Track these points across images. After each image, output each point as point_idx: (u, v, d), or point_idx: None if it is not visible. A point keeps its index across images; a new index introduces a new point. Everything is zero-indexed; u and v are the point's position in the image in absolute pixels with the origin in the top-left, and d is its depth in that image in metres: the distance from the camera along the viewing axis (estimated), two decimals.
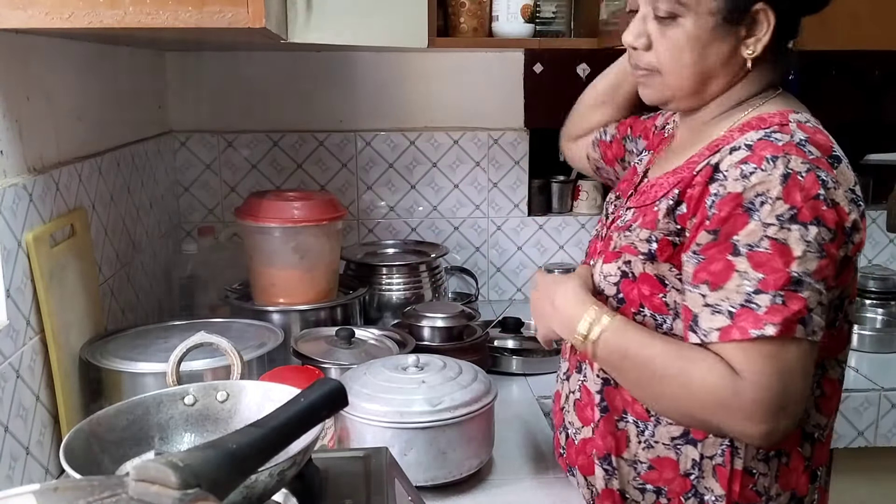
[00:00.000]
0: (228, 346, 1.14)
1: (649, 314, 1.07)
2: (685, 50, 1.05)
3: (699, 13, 1.03)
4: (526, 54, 2.17)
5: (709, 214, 1.00)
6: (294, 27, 1.23)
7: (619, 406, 1.12)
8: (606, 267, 1.11)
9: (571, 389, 1.20)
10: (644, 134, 1.36)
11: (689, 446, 1.08)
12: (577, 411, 1.18)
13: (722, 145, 1.05)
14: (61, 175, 1.31)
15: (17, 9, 0.97)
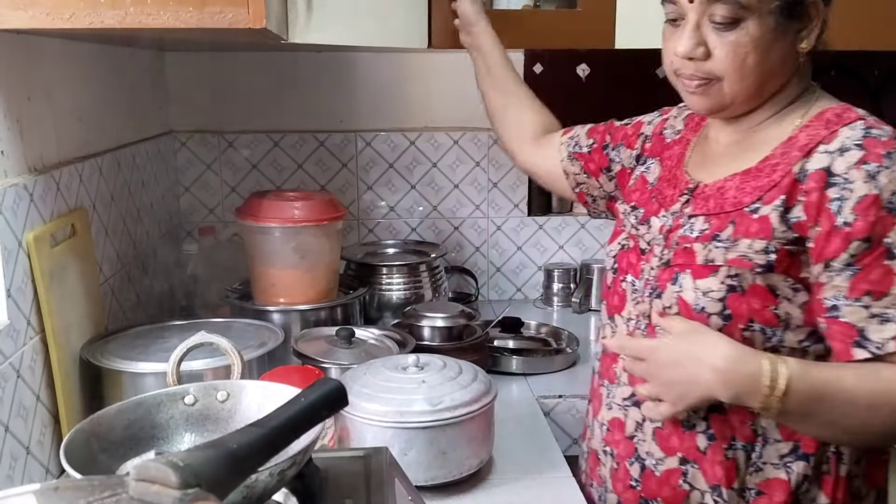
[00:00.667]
0: (228, 346, 1.14)
1: (759, 328, 1.03)
2: (750, 54, 1.02)
3: (761, 13, 1.01)
4: (526, 54, 2.17)
5: (841, 221, 0.97)
6: (294, 27, 1.23)
7: (728, 433, 1.07)
8: (703, 282, 1.04)
9: (647, 417, 1.12)
10: (626, 142, 1.34)
11: (800, 462, 1.06)
12: (658, 441, 1.12)
13: (810, 146, 1.02)
14: (62, 175, 1.32)
15: (18, 9, 0.98)
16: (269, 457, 0.72)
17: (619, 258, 1.20)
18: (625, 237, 1.21)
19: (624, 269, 1.18)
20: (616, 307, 1.19)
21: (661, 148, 1.26)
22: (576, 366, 1.82)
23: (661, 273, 1.10)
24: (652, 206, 1.19)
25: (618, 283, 1.20)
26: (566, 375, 1.78)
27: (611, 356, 1.19)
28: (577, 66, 2.19)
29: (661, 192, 1.19)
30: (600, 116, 2.24)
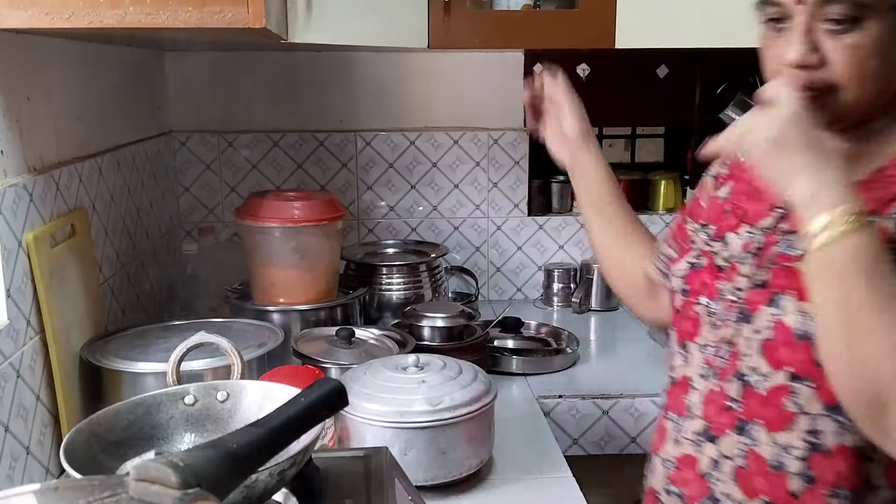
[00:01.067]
0: (228, 346, 1.14)
1: None
2: (872, 57, 0.90)
3: (879, 11, 0.89)
4: (526, 54, 2.17)
5: None
6: (294, 27, 1.23)
7: (831, 478, 0.93)
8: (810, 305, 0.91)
9: (725, 454, 1.00)
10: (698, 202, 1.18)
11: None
12: (739, 481, 0.99)
13: None
14: (61, 175, 1.31)
15: (18, 9, 0.98)
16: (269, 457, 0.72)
17: (690, 279, 1.08)
18: (695, 255, 1.09)
19: (696, 291, 1.06)
20: (688, 333, 1.07)
21: (736, 167, 1.12)
22: (576, 366, 1.82)
23: (752, 294, 0.98)
24: (727, 222, 1.06)
25: (689, 306, 1.07)
26: (566, 375, 1.78)
27: (680, 385, 1.08)
28: (577, 66, 2.19)
29: (738, 205, 1.07)
30: (600, 116, 2.25)
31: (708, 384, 1.02)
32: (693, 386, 1.05)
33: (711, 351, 1.03)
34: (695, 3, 1.73)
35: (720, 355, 1.01)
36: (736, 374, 0.98)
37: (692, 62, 2.15)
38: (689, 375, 1.06)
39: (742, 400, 0.98)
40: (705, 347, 1.04)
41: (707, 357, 1.03)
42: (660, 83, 2.21)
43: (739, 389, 0.98)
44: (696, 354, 1.05)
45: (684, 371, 1.07)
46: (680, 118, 2.21)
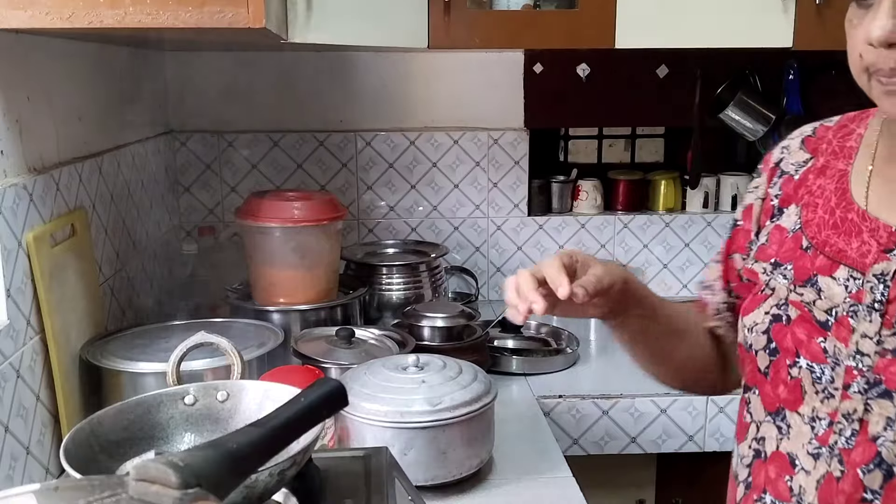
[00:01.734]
0: (228, 346, 1.14)
1: None
2: None
3: None
4: (526, 54, 2.17)
5: None
6: (294, 27, 1.23)
7: None
8: None
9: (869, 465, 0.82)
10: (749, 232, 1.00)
11: None
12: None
13: None
14: (61, 175, 1.31)
15: (18, 9, 0.98)
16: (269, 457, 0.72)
17: (776, 334, 0.89)
18: (776, 304, 0.90)
19: (790, 350, 0.88)
20: (787, 401, 0.89)
21: (792, 188, 0.95)
22: (576, 366, 1.82)
23: (886, 364, 0.80)
24: (813, 261, 0.88)
25: (782, 368, 0.89)
26: (566, 375, 1.78)
27: (775, 462, 0.90)
28: (577, 66, 2.19)
29: (827, 241, 0.88)
30: (600, 116, 2.26)
31: (822, 467, 0.85)
32: (800, 466, 0.87)
33: (824, 425, 0.85)
34: (695, 3, 1.74)
35: (839, 432, 0.83)
36: (876, 461, 0.80)
37: (692, 62, 2.15)
38: (791, 452, 0.88)
39: (884, 492, 0.80)
40: (816, 420, 0.86)
41: (820, 433, 0.85)
42: (660, 83, 2.21)
43: (881, 480, 0.80)
44: (803, 428, 0.87)
45: (781, 445, 0.89)
46: (680, 118, 2.21)
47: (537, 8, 1.87)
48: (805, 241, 0.90)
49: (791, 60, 2.16)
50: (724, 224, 2.28)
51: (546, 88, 2.19)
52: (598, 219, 2.27)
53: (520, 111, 2.20)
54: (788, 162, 0.97)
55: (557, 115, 2.23)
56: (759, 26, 1.75)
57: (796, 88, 2.18)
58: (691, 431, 1.68)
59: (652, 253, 2.29)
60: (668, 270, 2.30)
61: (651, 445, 1.68)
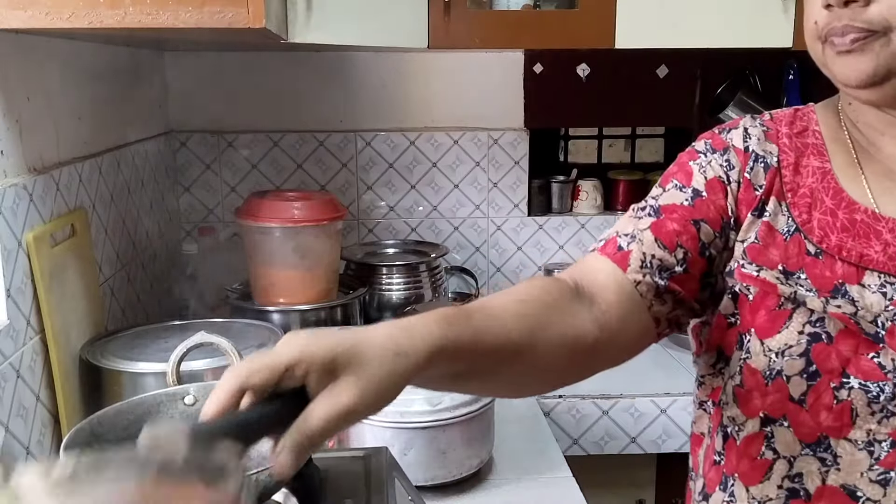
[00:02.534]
0: (228, 346, 1.14)
1: None
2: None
3: None
4: (526, 54, 2.17)
5: None
6: (294, 27, 1.23)
7: None
8: None
9: None
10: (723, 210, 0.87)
11: None
12: None
13: None
14: (61, 175, 1.31)
15: (18, 9, 0.98)
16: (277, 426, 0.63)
17: (818, 355, 0.80)
18: (809, 321, 0.81)
19: (834, 370, 0.80)
20: (832, 429, 0.81)
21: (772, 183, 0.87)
22: None
23: None
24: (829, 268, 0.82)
25: (825, 392, 0.80)
26: None
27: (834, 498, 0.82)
28: (577, 66, 2.19)
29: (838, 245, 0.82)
30: (600, 116, 2.26)
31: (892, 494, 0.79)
32: (864, 496, 0.81)
33: (886, 448, 0.79)
34: (695, 3, 1.74)
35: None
36: None
37: (692, 62, 2.15)
38: (848, 484, 0.81)
39: None
40: (874, 444, 0.79)
41: (882, 457, 0.79)
42: (660, 83, 2.21)
43: None
44: (856, 455, 0.80)
45: (829, 479, 0.82)
46: (680, 118, 2.21)
47: (537, 8, 1.87)
48: (811, 247, 0.83)
49: (791, 60, 2.16)
50: None
51: (546, 88, 2.19)
52: (598, 219, 2.27)
53: (520, 111, 2.20)
54: (761, 149, 0.88)
55: (557, 115, 2.23)
56: (759, 26, 1.75)
57: (796, 88, 2.18)
58: None
59: None
60: None
61: (651, 445, 1.68)
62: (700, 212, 0.87)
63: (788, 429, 0.83)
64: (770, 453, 0.84)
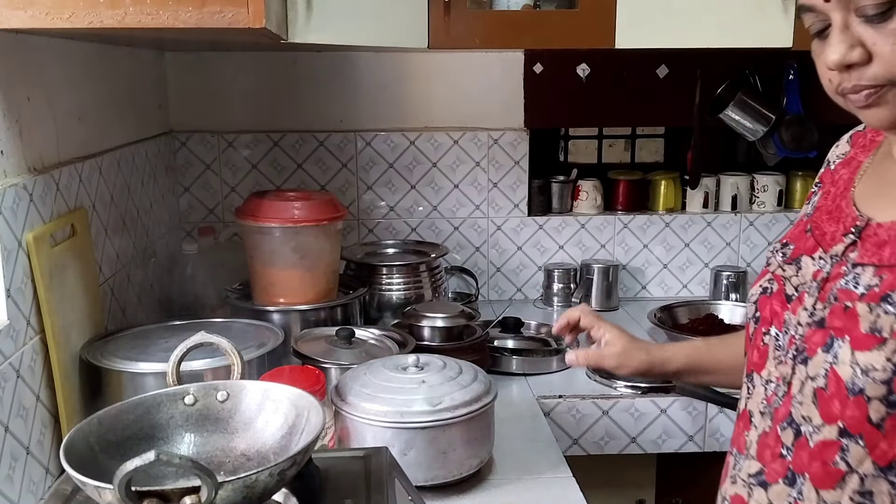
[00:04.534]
0: (228, 346, 1.14)
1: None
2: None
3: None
4: (526, 54, 2.17)
5: None
6: (294, 27, 1.23)
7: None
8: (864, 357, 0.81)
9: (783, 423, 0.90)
10: None
11: None
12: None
13: None
14: (61, 175, 1.31)
15: (18, 9, 0.98)
16: None
17: (761, 304, 0.98)
18: (768, 279, 0.98)
19: (767, 319, 0.96)
20: (756, 364, 0.97)
21: (827, 176, 1.02)
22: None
23: (811, 333, 0.88)
24: (805, 243, 0.96)
25: (759, 335, 0.97)
26: (566, 375, 1.78)
27: (742, 419, 0.98)
28: (577, 66, 2.19)
29: (819, 225, 0.95)
30: (600, 116, 2.26)
31: (764, 424, 0.93)
32: (753, 423, 0.96)
33: (772, 388, 0.93)
34: (695, 3, 1.74)
35: (777, 394, 0.92)
36: (789, 419, 0.89)
37: (692, 62, 2.15)
38: (751, 410, 0.96)
39: (794, 449, 0.88)
40: (768, 383, 0.94)
41: (768, 394, 0.94)
42: (660, 83, 2.22)
43: (792, 437, 0.88)
44: (759, 389, 0.96)
45: (747, 404, 0.98)
46: (680, 118, 2.21)
47: (537, 8, 1.87)
48: (808, 225, 0.97)
49: (791, 60, 2.16)
50: (724, 224, 2.29)
51: (546, 88, 2.19)
52: (598, 219, 2.27)
53: (520, 111, 2.20)
54: (834, 154, 1.03)
55: (557, 115, 2.23)
56: (759, 26, 1.75)
57: (796, 88, 2.18)
58: (691, 431, 1.68)
59: (652, 253, 2.29)
60: (668, 270, 2.30)
61: (651, 445, 1.68)
62: None
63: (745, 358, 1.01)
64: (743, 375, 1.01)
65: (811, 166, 2.23)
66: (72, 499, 0.97)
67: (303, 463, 0.86)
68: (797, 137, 2.16)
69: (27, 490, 1.13)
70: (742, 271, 2.23)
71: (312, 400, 0.97)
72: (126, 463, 0.73)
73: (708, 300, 2.20)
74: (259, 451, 0.96)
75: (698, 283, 2.31)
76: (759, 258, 2.28)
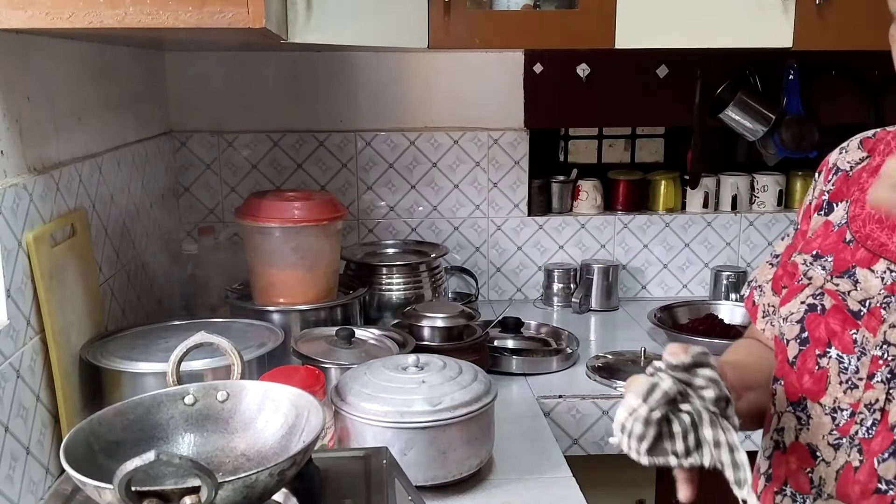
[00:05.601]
0: (228, 346, 1.14)
1: None
2: None
3: None
4: (526, 54, 2.17)
5: None
6: (294, 27, 1.23)
7: None
8: None
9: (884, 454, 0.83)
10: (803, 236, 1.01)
11: None
12: None
13: None
14: (61, 175, 1.31)
15: (17, 9, 0.98)
16: None
17: (810, 324, 0.90)
18: (812, 294, 0.91)
19: (822, 340, 0.88)
20: (810, 391, 0.89)
21: (845, 185, 0.97)
22: (576, 366, 1.82)
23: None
24: (854, 254, 0.89)
25: (811, 358, 0.89)
26: (566, 375, 1.78)
27: (795, 454, 0.90)
28: (577, 66, 2.19)
29: (869, 235, 0.89)
30: (600, 116, 2.26)
31: (844, 458, 0.85)
32: (820, 457, 0.88)
33: (846, 416, 0.86)
34: (695, 3, 1.74)
35: (863, 423, 0.84)
36: (892, 450, 0.82)
37: (692, 62, 2.15)
38: (812, 443, 0.89)
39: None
40: (837, 411, 0.87)
41: (841, 424, 0.86)
42: (660, 83, 2.22)
43: (895, 470, 0.82)
44: (824, 419, 0.88)
45: (801, 436, 0.90)
46: (680, 118, 2.21)
47: (537, 8, 1.87)
48: (849, 235, 0.91)
49: (791, 60, 2.16)
50: (724, 224, 2.29)
51: (546, 88, 2.19)
52: (598, 219, 2.27)
53: (520, 111, 2.20)
54: (845, 160, 0.99)
55: (557, 115, 2.23)
56: (759, 26, 1.75)
57: (796, 88, 2.18)
58: None
59: (652, 253, 2.29)
60: (668, 270, 2.30)
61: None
62: (795, 245, 1.01)
63: (782, 387, 0.93)
64: (772, 408, 0.95)
65: (811, 166, 2.22)
66: (72, 499, 0.97)
67: (303, 463, 0.86)
68: (797, 137, 2.16)
69: (27, 490, 1.13)
70: (742, 271, 2.23)
71: (312, 400, 0.97)
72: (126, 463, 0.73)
73: (708, 300, 2.20)
74: (259, 451, 0.96)
75: (698, 283, 2.31)
76: (759, 258, 2.28)
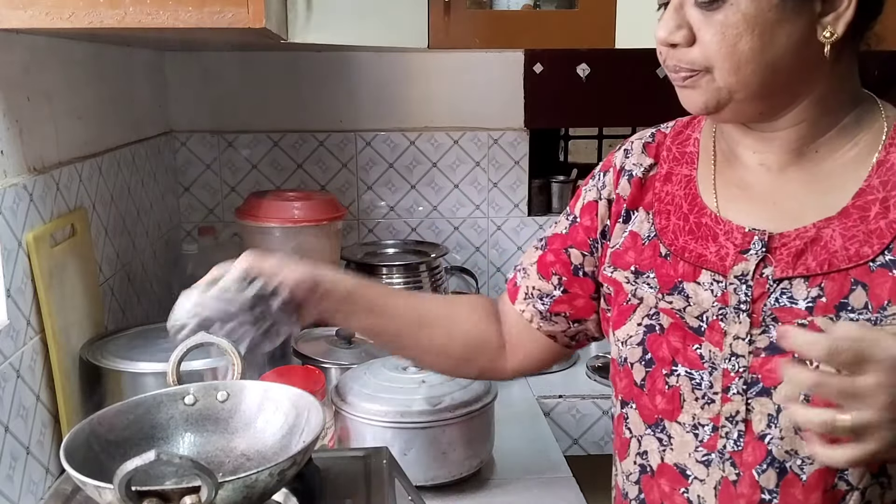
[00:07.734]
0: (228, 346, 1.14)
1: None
2: (743, 36, 0.79)
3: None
4: (526, 54, 2.17)
5: None
6: (294, 27, 1.23)
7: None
8: None
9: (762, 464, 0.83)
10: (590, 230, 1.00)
11: None
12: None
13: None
14: (61, 175, 1.31)
15: (17, 9, 0.98)
16: None
17: (651, 344, 0.90)
18: (646, 314, 0.91)
19: (665, 359, 0.89)
20: (665, 412, 0.89)
21: (640, 192, 0.97)
22: (576, 366, 1.82)
23: (762, 362, 0.83)
24: (676, 268, 0.89)
25: (658, 378, 0.89)
26: (566, 375, 1.78)
27: (664, 475, 0.90)
28: (577, 66, 2.19)
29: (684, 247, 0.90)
30: (600, 116, 2.26)
31: (719, 473, 0.86)
32: (692, 476, 0.88)
33: (709, 431, 0.86)
34: None
35: (728, 436, 0.85)
36: (768, 460, 0.83)
37: None
38: (679, 463, 0.89)
39: (780, 490, 0.83)
40: (698, 427, 0.87)
41: (705, 440, 0.86)
42: (660, 83, 2.21)
43: (775, 478, 0.83)
44: (686, 437, 0.88)
45: (666, 457, 0.90)
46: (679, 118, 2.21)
47: (537, 8, 1.87)
48: (663, 249, 0.91)
49: None
50: None
51: (546, 88, 2.19)
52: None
53: (520, 111, 2.20)
54: (632, 163, 0.99)
55: (557, 115, 2.23)
56: None
57: None
58: None
59: None
60: None
61: None
62: (571, 237, 1.02)
63: (636, 411, 0.93)
64: (627, 432, 0.94)
65: None
66: (72, 499, 0.97)
67: (303, 463, 0.86)
68: None
69: (27, 490, 1.13)
70: None
71: (312, 400, 0.96)
72: (126, 463, 0.73)
73: None
74: (259, 451, 0.96)
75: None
76: None
